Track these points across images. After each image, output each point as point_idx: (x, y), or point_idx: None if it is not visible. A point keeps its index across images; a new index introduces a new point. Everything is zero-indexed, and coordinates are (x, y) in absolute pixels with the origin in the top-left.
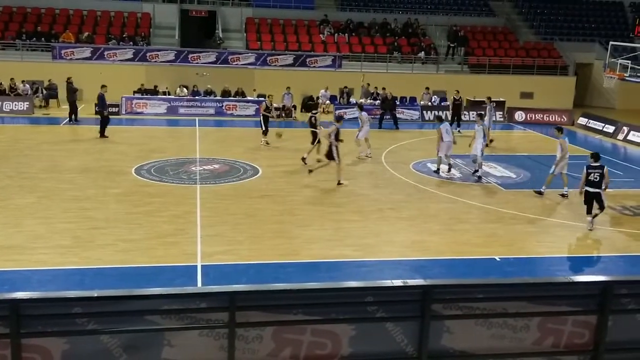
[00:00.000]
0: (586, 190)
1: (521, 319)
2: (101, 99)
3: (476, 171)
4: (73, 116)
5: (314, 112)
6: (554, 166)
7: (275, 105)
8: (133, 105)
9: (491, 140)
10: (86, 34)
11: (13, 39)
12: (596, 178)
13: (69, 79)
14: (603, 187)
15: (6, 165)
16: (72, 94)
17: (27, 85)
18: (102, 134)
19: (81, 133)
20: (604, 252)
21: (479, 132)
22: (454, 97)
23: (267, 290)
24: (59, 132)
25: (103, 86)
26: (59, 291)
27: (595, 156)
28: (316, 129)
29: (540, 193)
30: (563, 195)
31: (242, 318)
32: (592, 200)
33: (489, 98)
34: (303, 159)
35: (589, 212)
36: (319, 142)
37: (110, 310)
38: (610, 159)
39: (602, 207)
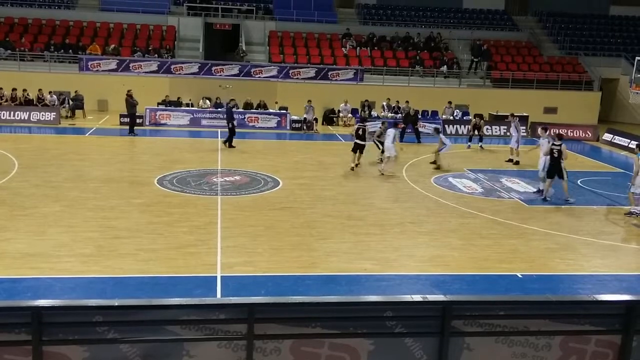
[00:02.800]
0: None
1: (543, 338)
2: (229, 111)
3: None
4: (134, 128)
5: (362, 124)
6: (630, 184)
7: (295, 117)
8: (157, 117)
9: (517, 162)
10: (112, 46)
11: (42, 50)
12: None
13: (128, 91)
14: None
15: (33, 174)
16: (132, 107)
17: (54, 96)
18: (229, 144)
19: (106, 143)
20: (629, 271)
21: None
22: (474, 122)
23: (286, 302)
24: (84, 142)
25: (232, 100)
26: (80, 299)
27: None
28: (364, 140)
29: (631, 214)
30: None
31: (261, 330)
32: None
33: (512, 114)
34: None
35: None
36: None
37: (131, 320)
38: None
39: None
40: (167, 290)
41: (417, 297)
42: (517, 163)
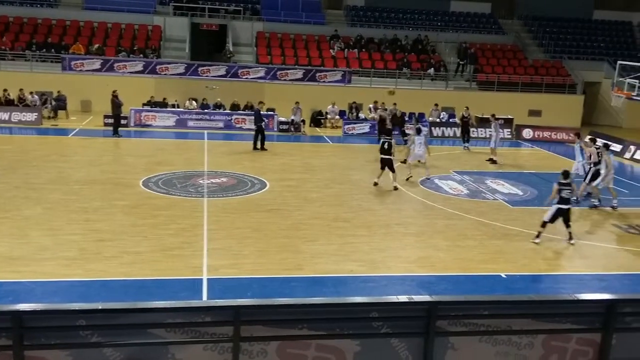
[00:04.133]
0: (559, 208)
1: (526, 336)
2: (257, 113)
3: None
4: (118, 129)
5: (387, 137)
6: (599, 181)
7: (283, 119)
8: (142, 118)
9: (495, 161)
10: (96, 45)
11: (23, 49)
12: (568, 195)
13: (114, 92)
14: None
15: (14, 176)
16: (117, 108)
17: (36, 96)
18: (261, 146)
19: (89, 145)
20: (609, 270)
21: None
22: (462, 114)
23: (272, 304)
24: (67, 143)
25: (260, 102)
26: (63, 303)
27: (565, 173)
28: (389, 155)
29: (595, 207)
30: (613, 208)
31: (247, 332)
32: (560, 217)
33: (494, 115)
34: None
35: (544, 226)
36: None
37: (114, 323)
38: (617, 177)
39: (569, 224)
40: (152, 293)
41: (403, 298)
42: (494, 162)
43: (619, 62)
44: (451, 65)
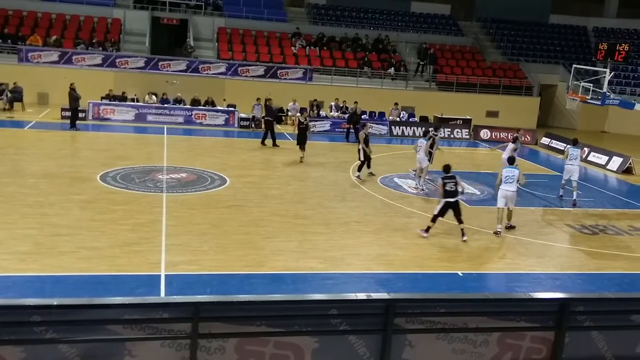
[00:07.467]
0: (446, 201)
1: (481, 334)
2: (268, 109)
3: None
4: (76, 123)
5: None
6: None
7: (244, 115)
8: (100, 111)
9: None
10: (54, 37)
11: None
12: (452, 187)
13: (72, 84)
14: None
15: None
16: (75, 101)
17: None
18: (272, 142)
19: (46, 138)
20: (562, 270)
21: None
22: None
23: (231, 301)
24: (23, 136)
25: (269, 99)
26: (17, 299)
27: (447, 167)
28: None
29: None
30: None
31: (205, 329)
32: (448, 210)
33: (519, 130)
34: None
35: (434, 220)
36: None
37: (70, 319)
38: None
39: (460, 219)
40: (109, 289)
41: (362, 295)
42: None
43: (574, 65)
44: (411, 65)
